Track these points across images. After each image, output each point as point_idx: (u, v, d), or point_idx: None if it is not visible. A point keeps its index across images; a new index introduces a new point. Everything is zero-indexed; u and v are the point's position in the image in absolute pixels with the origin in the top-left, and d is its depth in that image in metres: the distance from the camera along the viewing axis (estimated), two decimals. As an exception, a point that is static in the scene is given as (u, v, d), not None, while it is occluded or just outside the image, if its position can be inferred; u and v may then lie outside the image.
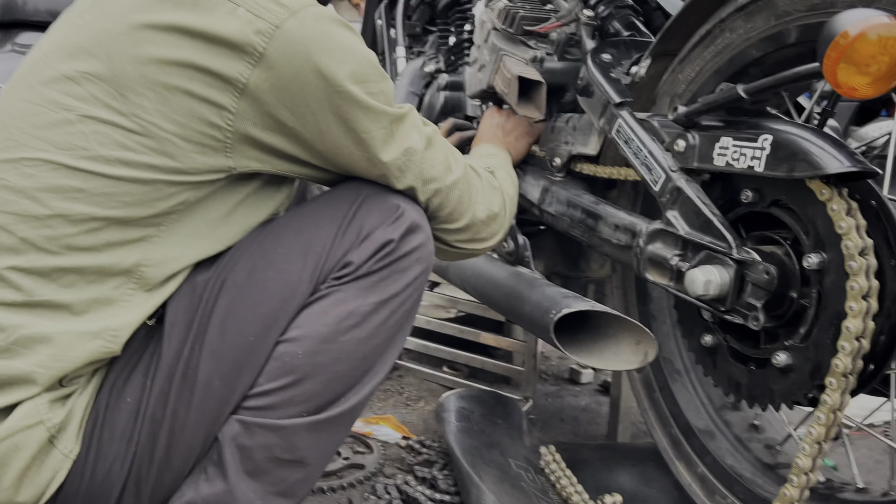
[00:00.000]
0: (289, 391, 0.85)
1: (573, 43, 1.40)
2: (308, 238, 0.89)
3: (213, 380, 0.84)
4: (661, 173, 1.05)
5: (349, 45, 0.85)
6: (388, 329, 0.90)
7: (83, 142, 0.79)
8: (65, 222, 0.80)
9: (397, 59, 2.21)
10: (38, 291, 0.80)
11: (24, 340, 0.79)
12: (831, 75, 0.70)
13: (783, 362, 0.93)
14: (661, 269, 1.06)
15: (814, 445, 0.87)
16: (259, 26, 0.80)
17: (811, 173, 0.84)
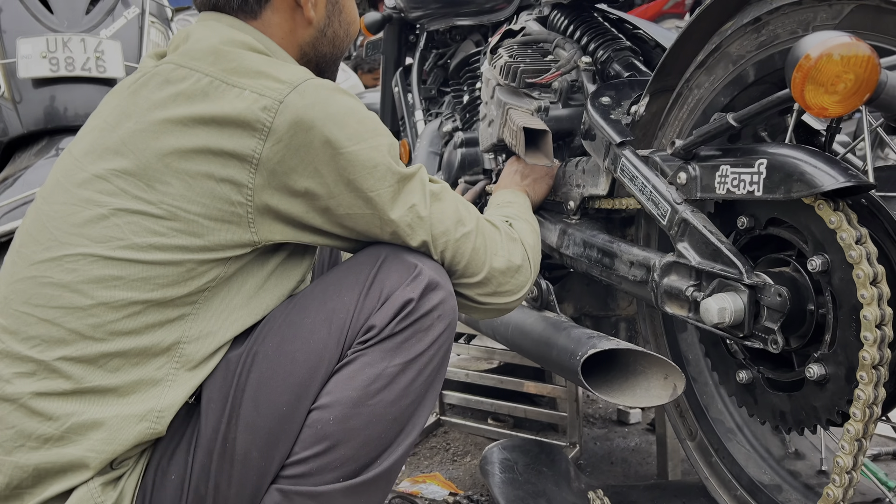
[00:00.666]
0: (324, 458, 0.88)
1: (576, 89, 1.44)
2: (332, 306, 0.92)
3: (250, 452, 0.87)
4: (668, 207, 1.07)
5: (349, 109, 0.90)
6: (416, 389, 0.92)
7: (118, 233, 0.85)
8: (107, 309, 0.85)
9: (416, 122, 2.28)
10: (87, 378, 0.85)
11: (77, 427, 0.84)
12: (800, 97, 0.71)
13: (817, 374, 0.91)
14: (678, 300, 1.06)
15: (853, 443, 0.85)
16: (264, 103, 0.86)
17: (807, 192, 0.85)
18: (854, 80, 0.68)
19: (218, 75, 0.88)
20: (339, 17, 1.06)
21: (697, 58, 1.12)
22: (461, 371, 1.97)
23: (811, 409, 0.96)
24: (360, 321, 0.91)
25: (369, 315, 0.91)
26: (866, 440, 0.86)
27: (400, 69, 2.38)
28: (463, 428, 1.95)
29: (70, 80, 2.15)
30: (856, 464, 0.85)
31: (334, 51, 1.08)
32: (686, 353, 1.28)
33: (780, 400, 1.02)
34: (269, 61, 0.91)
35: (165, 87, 0.89)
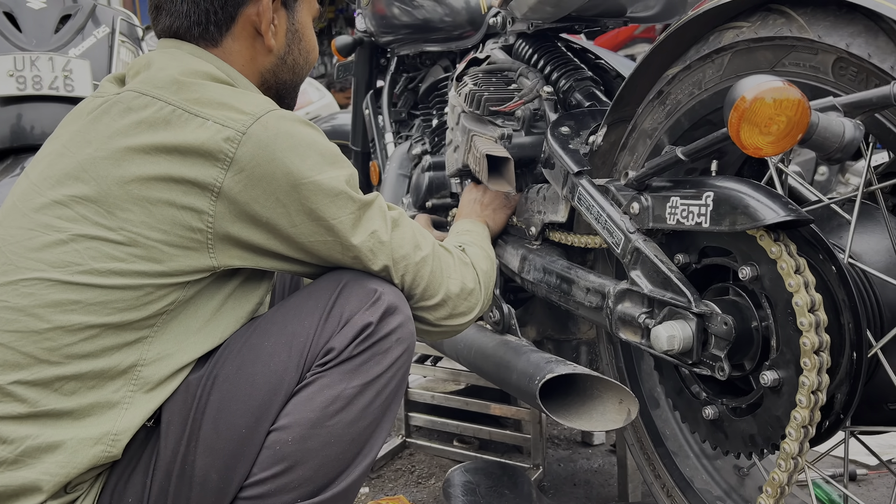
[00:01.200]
0: (282, 478, 0.89)
1: (538, 118, 1.48)
2: (292, 329, 0.94)
3: (209, 474, 0.88)
4: (621, 236, 1.10)
5: (311, 140, 0.92)
6: (374, 410, 0.94)
7: (76, 258, 0.86)
8: (64, 333, 0.85)
9: (387, 144, 2.31)
10: (42, 402, 0.84)
11: (31, 451, 0.84)
12: (736, 137, 0.74)
13: (770, 379, 0.92)
14: (632, 327, 1.09)
15: (799, 430, 0.87)
16: (227, 134, 0.87)
17: (750, 225, 0.88)
18: (786, 123, 0.71)
19: (181, 104, 0.89)
20: (298, 45, 1.08)
21: (652, 91, 1.16)
22: (427, 393, 1.98)
23: (775, 420, 0.97)
24: (320, 344, 0.93)
25: (329, 338, 0.93)
26: (811, 428, 0.87)
27: (371, 91, 2.41)
28: (428, 450, 1.95)
29: (37, 99, 2.14)
30: (801, 450, 0.87)
31: (294, 77, 1.10)
32: (663, 429, 1.29)
33: (748, 424, 1.02)
34: (232, 91, 0.93)
35: (127, 114, 0.90)
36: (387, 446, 1.94)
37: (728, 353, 0.95)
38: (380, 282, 0.99)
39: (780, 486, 0.87)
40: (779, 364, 0.91)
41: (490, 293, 1.19)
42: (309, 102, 4.52)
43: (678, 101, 1.09)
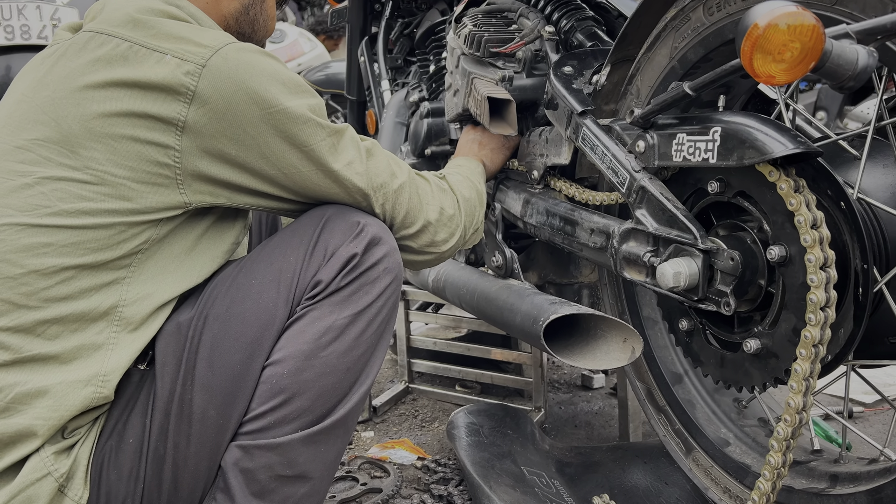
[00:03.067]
0: (280, 410, 0.90)
1: (539, 59, 1.45)
2: (279, 266, 0.94)
3: (207, 411, 0.90)
4: (626, 175, 1.09)
5: (274, 69, 0.91)
6: (367, 339, 0.95)
7: (44, 201, 0.85)
8: (39, 277, 0.85)
9: (383, 92, 2.27)
10: (25, 347, 0.85)
11: (21, 397, 0.84)
12: (749, 66, 0.73)
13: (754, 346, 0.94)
14: (636, 266, 1.09)
15: (810, 349, 0.87)
16: (187, 68, 0.86)
17: (759, 159, 0.88)
18: (800, 49, 0.70)
19: (137, 40, 0.88)
20: (261, 4, 1.09)
21: (656, 28, 1.14)
22: (429, 339, 2.00)
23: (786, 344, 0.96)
24: (307, 278, 0.93)
25: (316, 271, 0.93)
26: (823, 346, 0.88)
27: (366, 38, 2.37)
28: (431, 395, 1.98)
29: (26, 49, 2.10)
30: (805, 404, 0.89)
31: (252, 34, 1.09)
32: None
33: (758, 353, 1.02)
34: (190, 27, 0.92)
35: (83, 53, 0.89)
36: (390, 392, 1.96)
37: (734, 289, 0.95)
38: (362, 214, 0.99)
39: (796, 412, 0.88)
40: (786, 306, 0.92)
41: (475, 221, 1.20)
42: (301, 53, 4.44)
43: (683, 37, 1.07)
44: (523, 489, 1.34)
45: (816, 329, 0.86)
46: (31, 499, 0.83)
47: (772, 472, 0.93)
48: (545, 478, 1.42)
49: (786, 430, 0.90)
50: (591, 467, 1.47)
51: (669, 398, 1.24)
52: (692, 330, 1.11)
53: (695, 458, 1.17)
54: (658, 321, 1.29)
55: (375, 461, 1.58)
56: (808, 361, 0.86)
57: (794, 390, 0.88)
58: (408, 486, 1.49)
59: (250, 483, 0.89)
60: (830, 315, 0.85)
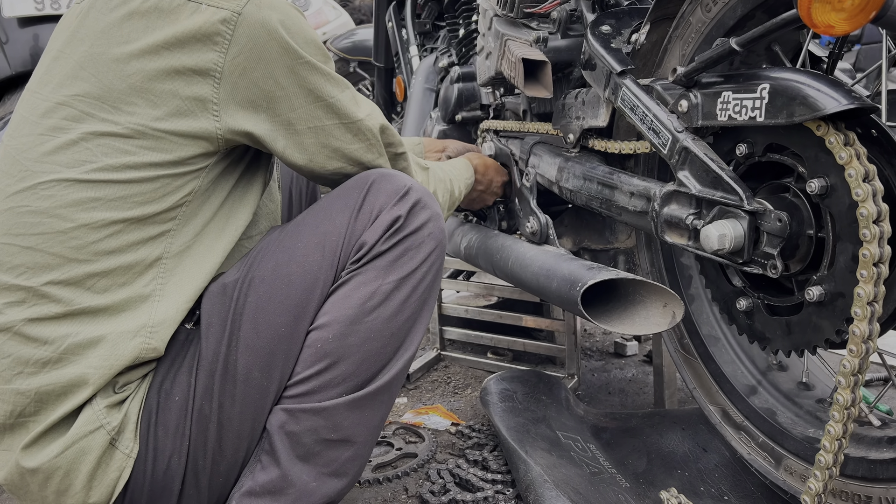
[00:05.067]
0: (325, 375, 0.91)
1: (575, 19, 1.42)
2: (324, 229, 0.95)
3: (252, 372, 0.90)
4: (668, 136, 1.06)
5: (302, 25, 0.93)
6: (412, 305, 0.95)
7: (89, 156, 0.86)
8: (88, 231, 0.86)
9: (412, 58, 2.25)
10: (76, 300, 0.86)
11: (73, 347, 0.85)
12: (807, 17, 0.70)
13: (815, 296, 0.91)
14: (679, 229, 1.07)
15: (865, 308, 0.84)
16: (223, 15, 0.87)
17: (810, 115, 0.85)
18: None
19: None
20: None
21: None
22: (461, 307, 1.99)
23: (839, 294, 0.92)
24: (353, 241, 0.94)
25: (361, 234, 0.94)
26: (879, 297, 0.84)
27: (393, 3, 2.33)
28: (463, 362, 1.98)
29: (56, 19, 2.09)
30: (861, 368, 0.86)
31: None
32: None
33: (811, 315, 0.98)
34: None
35: (115, 6, 0.88)
36: (422, 359, 1.97)
37: (781, 251, 0.93)
38: (407, 178, 0.99)
39: (852, 373, 0.85)
40: (834, 263, 0.89)
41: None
42: (326, 22, 4.41)
43: (729, -8, 1.03)
44: (559, 453, 1.34)
45: (874, 245, 0.82)
46: (83, 450, 0.85)
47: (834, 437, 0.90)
48: (581, 442, 1.42)
49: (853, 362, 0.85)
50: (628, 432, 1.46)
51: (747, 412, 1.17)
52: (751, 309, 1.07)
53: (787, 466, 1.09)
54: (720, 336, 1.25)
55: (410, 427, 1.59)
56: (871, 283, 0.82)
57: (858, 317, 0.84)
58: (442, 451, 1.50)
59: (295, 446, 0.90)
60: (886, 229, 0.82)
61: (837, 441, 0.89)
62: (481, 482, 1.34)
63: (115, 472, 0.87)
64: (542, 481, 1.18)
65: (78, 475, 0.85)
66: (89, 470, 0.85)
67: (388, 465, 1.44)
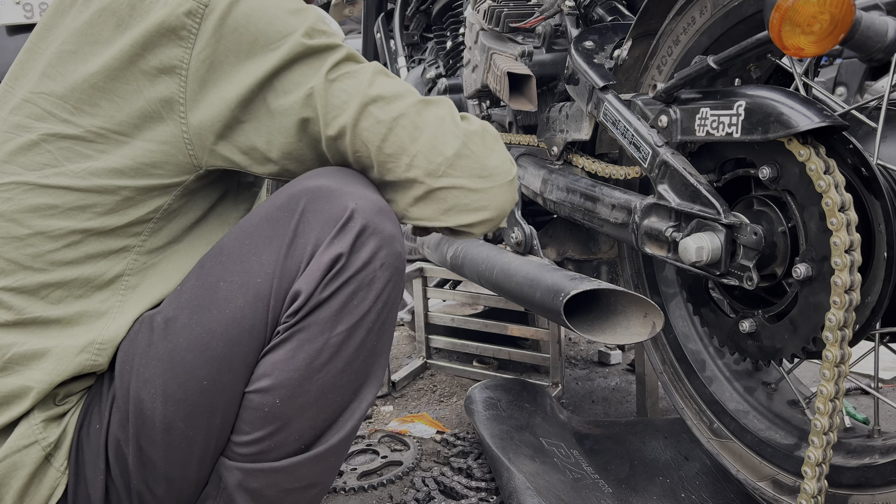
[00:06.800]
0: (278, 436, 0.82)
1: (559, 34, 1.45)
2: (249, 266, 0.82)
3: (174, 421, 0.82)
4: (649, 150, 1.09)
5: (276, 2, 0.84)
6: (368, 346, 0.83)
7: (49, 159, 0.82)
8: (46, 239, 0.82)
9: (399, 68, 2.27)
10: (28, 309, 0.82)
11: (19, 358, 0.82)
12: (777, 38, 0.73)
13: (803, 273, 0.92)
14: (658, 241, 1.09)
15: (836, 332, 0.87)
16: (189, 7, 0.81)
17: (784, 133, 0.87)
18: (829, 21, 0.70)
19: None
20: None
21: (679, 2, 1.13)
22: (447, 316, 2.01)
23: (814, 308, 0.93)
24: (284, 286, 0.80)
25: (293, 279, 0.80)
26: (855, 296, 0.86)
27: (382, 15, 2.36)
28: (449, 370, 2.00)
29: (45, 27, 2.10)
30: (844, 357, 0.88)
31: None
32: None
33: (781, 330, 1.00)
34: None
35: (92, 2, 0.84)
36: (408, 367, 1.98)
37: (756, 263, 0.96)
38: (348, 194, 0.81)
39: (829, 399, 0.88)
40: (809, 259, 0.92)
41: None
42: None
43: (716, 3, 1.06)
44: (542, 459, 1.36)
45: (845, 273, 0.85)
46: (16, 465, 0.81)
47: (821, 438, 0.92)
48: (564, 448, 1.44)
49: (828, 387, 0.87)
50: (611, 439, 1.48)
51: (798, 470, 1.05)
52: (755, 328, 1.04)
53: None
54: (748, 409, 1.19)
55: (395, 435, 1.60)
56: (842, 310, 0.85)
57: (829, 341, 0.86)
58: (427, 458, 1.51)
59: (258, 498, 0.85)
60: (857, 258, 0.84)
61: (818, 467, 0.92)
62: (466, 490, 1.35)
63: (47, 489, 0.83)
64: (524, 488, 1.20)
65: (9, 490, 0.81)
66: (20, 486, 0.81)
67: (373, 473, 1.45)
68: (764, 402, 1.18)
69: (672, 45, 1.15)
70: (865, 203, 0.89)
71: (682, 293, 1.27)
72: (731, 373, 1.23)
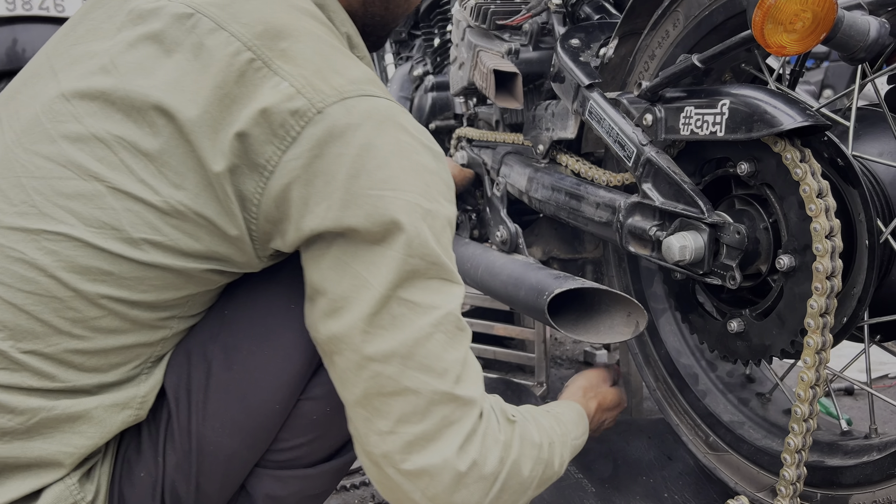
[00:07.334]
0: (316, 443, 0.83)
1: (546, 32, 1.44)
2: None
3: (239, 451, 0.80)
4: (633, 148, 1.09)
5: (400, 150, 0.70)
6: None
7: (114, 219, 0.69)
8: (90, 304, 0.70)
9: (387, 66, 2.27)
10: (59, 377, 0.71)
11: (48, 421, 0.71)
12: (760, 36, 0.73)
13: (786, 264, 0.93)
14: (642, 240, 1.09)
15: (818, 319, 0.87)
16: (298, 105, 0.68)
17: (767, 132, 0.87)
18: (812, 19, 0.70)
19: (261, 52, 0.69)
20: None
21: (664, 1, 1.13)
22: (432, 315, 2.00)
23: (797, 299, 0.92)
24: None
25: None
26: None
27: (370, 12, 2.35)
28: (434, 370, 1.99)
29: (28, 20, 2.08)
30: (824, 348, 0.88)
31: (385, 13, 0.89)
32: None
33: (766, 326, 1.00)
34: (331, 48, 0.72)
35: (199, 53, 0.70)
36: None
37: (740, 262, 0.95)
38: None
39: (809, 385, 0.88)
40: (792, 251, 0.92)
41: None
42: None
43: (687, 14, 1.06)
44: (526, 462, 1.35)
45: (826, 259, 0.85)
46: None
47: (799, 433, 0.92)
48: (547, 451, 1.43)
49: (809, 374, 0.88)
50: (595, 439, 1.48)
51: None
52: (743, 327, 1.04)
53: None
54: (744, 420, 1.18)
55: (379, 434, 1.59)
56: (823, 297, 0.86)
57: (811, 328, 0.87)
58: (411, 458, 1.50)
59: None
60: (838, 244, 0.85)
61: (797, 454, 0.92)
62: (448, 489, 1.35)
63: None
64: (507, 488, 1.19)
65: None
66: None
67: (355, 472, 1.44)
68: (759, 411, 1.18)
69: (648, 60, 1.15)
70: (843, 194, 0.89)
71: (671, 303, 1.27)
72: (725, 385, 1.23)
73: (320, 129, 0.68)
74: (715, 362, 1.25)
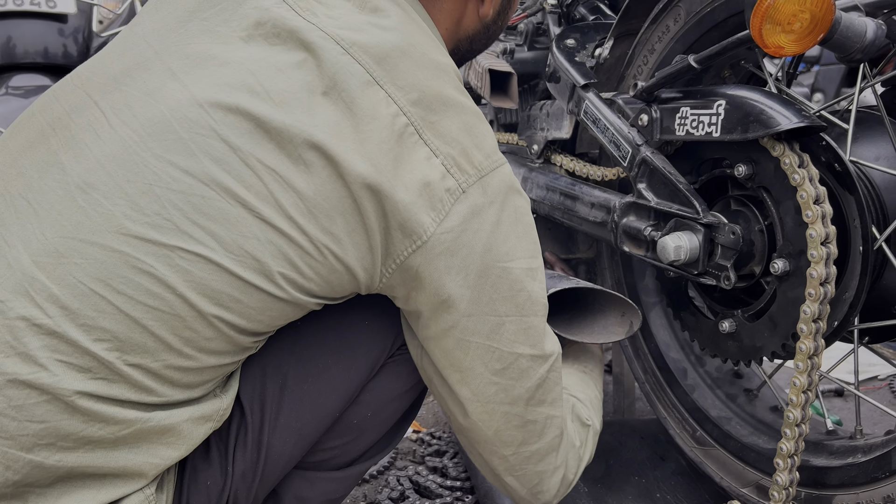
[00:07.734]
0: (349, 445, 0.87)
1: (541, 32, 1.45)
2: (379, 307, 0.83)
3: (296, 456, 0.83)
4: (629, 148, 1.09)
5: (520, 218, 0.78)
6: None
7: (256, 249, 0.68)
8: (208, 327, 0.69)
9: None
10: (158, 391, 0.70)
11: (141, 433, 0.70)
12: (758, 37, 0.73)
13: (780, 268, 0.93)
14: (636, 240, 1.09)
15: (811, 324, 0.88)
16: (450, 184, 0.72)
17: (763, 132, 0.88)
18: (810, 20, 0.70)
19: (415, 120, 0.71)
20: (505, 15, 0.92)
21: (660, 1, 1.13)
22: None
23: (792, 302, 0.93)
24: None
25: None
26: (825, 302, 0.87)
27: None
28: (426, 369, 1.99)
29: (18, 16, 2.06)
30: (817, 352, 0.88)
31: (483, 48, 0.95)
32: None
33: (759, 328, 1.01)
34: (473, 115, 0.76)
35: (344, 98, 0.70)
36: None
37: (734, 263, 0.96)
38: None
39: (802, 390, 0.89)
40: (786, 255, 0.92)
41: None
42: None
43: (689, 11, 1.06)
44: (518, 461, 1.35)
45: (820, 266, 0.85)
46: None
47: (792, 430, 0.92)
48: (540, 451, 1.43)
49: (801, 378, 0.88)
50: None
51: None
52: (735, 327, 1.04)
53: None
54: (731, 416, 1.19)
55: (371, 433, 1.59)
56: (816, 303, 0.86)
57: (803, 333, 0.87)
58: (403, 457, 1.50)
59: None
60: (833, 251, 0.85)
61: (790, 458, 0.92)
62: (440, 489, 1.34)
63: None
64: (500, 488, 1.19)
65: None
66: None
67: (348, 472, 1.43)
68: (746, 408, 1.18)
69: (647, 55, 1.15)
70: (840, 199, 0.89)
71: (662, 299, 1.27)
72: (713, 380, 1.23)
73: (465, 207, 0.73)
74: (704, 357, 1.25)
